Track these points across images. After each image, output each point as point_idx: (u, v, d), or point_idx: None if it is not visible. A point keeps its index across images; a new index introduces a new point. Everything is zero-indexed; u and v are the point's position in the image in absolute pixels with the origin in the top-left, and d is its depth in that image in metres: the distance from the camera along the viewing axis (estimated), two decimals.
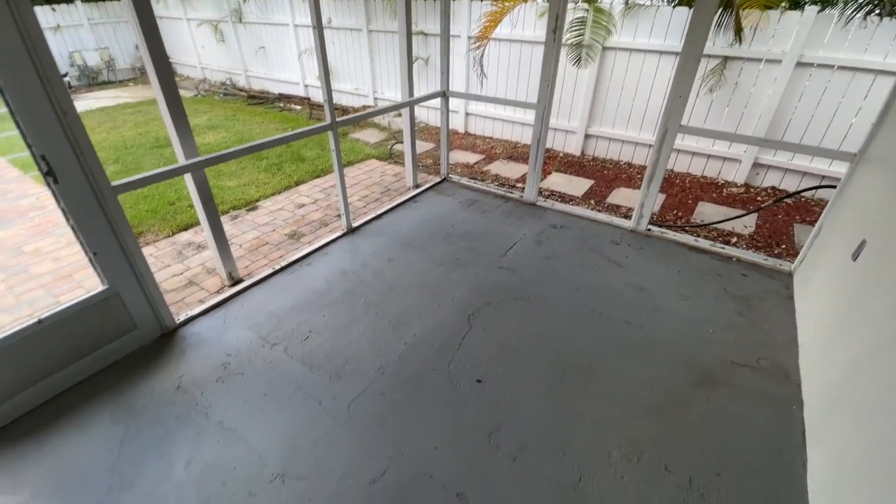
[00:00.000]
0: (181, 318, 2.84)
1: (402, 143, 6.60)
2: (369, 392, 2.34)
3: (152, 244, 4.01)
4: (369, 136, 7.30)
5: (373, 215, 4.24)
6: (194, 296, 3.27)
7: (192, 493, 1.87)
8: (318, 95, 9.09)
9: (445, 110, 4.73)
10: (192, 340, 2.69)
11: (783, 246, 4.16)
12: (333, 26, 8.08)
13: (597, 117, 6.11)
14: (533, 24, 6.01)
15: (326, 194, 5.07)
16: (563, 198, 5.07)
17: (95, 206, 2.21)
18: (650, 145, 5.80)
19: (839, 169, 4.73)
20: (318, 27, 3.09)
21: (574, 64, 5.37)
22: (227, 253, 3.25)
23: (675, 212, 4.83)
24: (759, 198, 5.07)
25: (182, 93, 10.37)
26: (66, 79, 9.99)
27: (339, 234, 3.90)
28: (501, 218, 4.18)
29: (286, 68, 9.36)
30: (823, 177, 4.92)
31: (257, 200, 4.89)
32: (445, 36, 4.37)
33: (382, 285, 3.19)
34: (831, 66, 4.51)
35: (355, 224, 4.04)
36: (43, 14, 10.26)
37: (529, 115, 6.56)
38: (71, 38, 10.83)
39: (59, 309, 2.25)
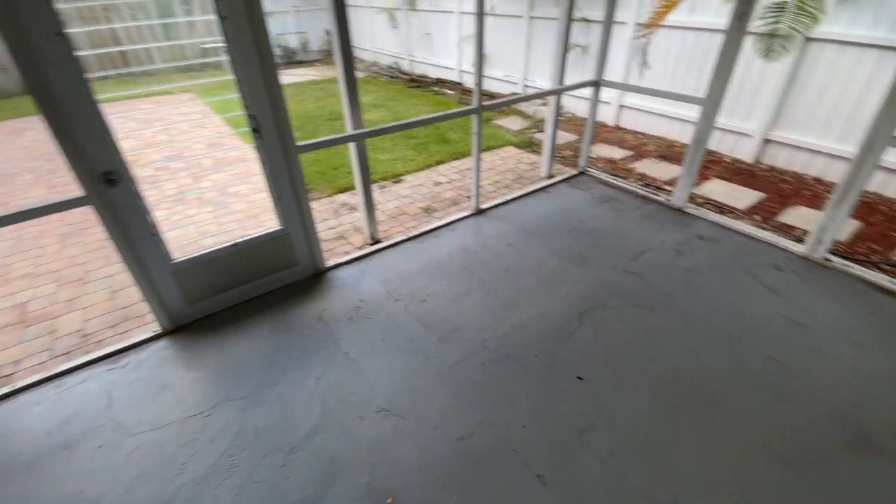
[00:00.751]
0: (330, 263, 3.36)
1: (542, 131, 6.53)
2: (471, 360, 2.49)
3: (316, 200, 4.76)
4: (512, 123, 7.36)
5: (501, 200, 4.34)
6: (342, 248, 3.81)
7: (317, 403, 2.26)
8: (470, 81, 9.44)
9: (594, 100, 4.53)
10: (335, 283, 3.17)
11: None
12: (496, 13, 8.24)
13: (783, 121, 5.18)
14: (716, 9, 5.30)
15: (462, 176, 5.33)
16: (721, 208, 4.47)
17: (282, 161, 2.74)
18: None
19: None
20: (480, 14, 3.23)
21: (763, 56, 4.61)
22: (372, 216, 3.69)
23: (870, 244, 3.90)
24: None
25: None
26: None
27: (467, 213, 4.10)
28: (639, 220, 3.90)
29: (446, 54, 9.90)
30: None
31: (402, 175, 5.39)
32: (608, 21, 4.16)
33: (498, 267, 3.29)
34: None
35: (483, 206, 4.19)
36: (268, 1, 12.56)
37: (692, 111, 5.88)
38: (279, 22, 13.10)
39: (249, 237, 2.87)
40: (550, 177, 4.89)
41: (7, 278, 3.58)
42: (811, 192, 4.81)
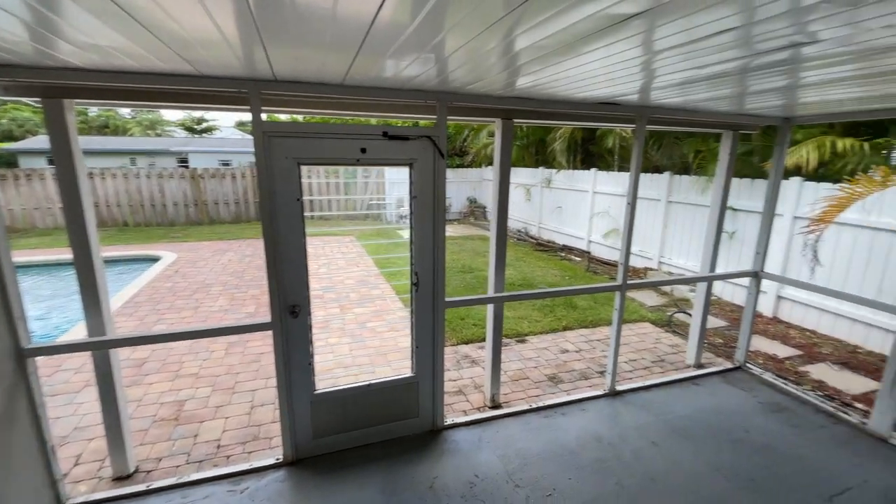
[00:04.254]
0: (448, 421, 3.22)
1: (685, 312, 6.04)
2: None
3: None
4: (646, 297, 7.03)
5: (640, 384, 3.89)
6: (460, 405, 3.68)
7: None
8: (598, 251, 9.65)
9: (755, 291, 4.15)
10: (450, 446, 2.98)
11: None
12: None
13: None
14: (891, 211, 4.80)
15: (591, 346, 5.03)
16: None
17: (430, 312, 2.92)
18: None
19: None
20: (633, 203, 3.42)
21: None
22: (497, 377, 3.58)
23: None
24: None
25: (484, 232, 12.76)
26: None
27: (599, 392, 3.73)
28: (826, 445, 3.08)
29: (575, 225, 10.50)
30: None
31: (526, 335, 5.32)
32: (768, 214, 4.02)
33: (642, 472, 2.76)
34: None
35: (619, 387, 3.79)
36: None
37: (880, 315, 4.95)
38: None
39: (383, 379, 2.95)
40: (700, 366, 4.32)
41: (178, 374, 4.16)
42: None
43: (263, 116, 2.38)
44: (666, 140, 8.72)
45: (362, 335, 5.15)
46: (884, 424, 3.17)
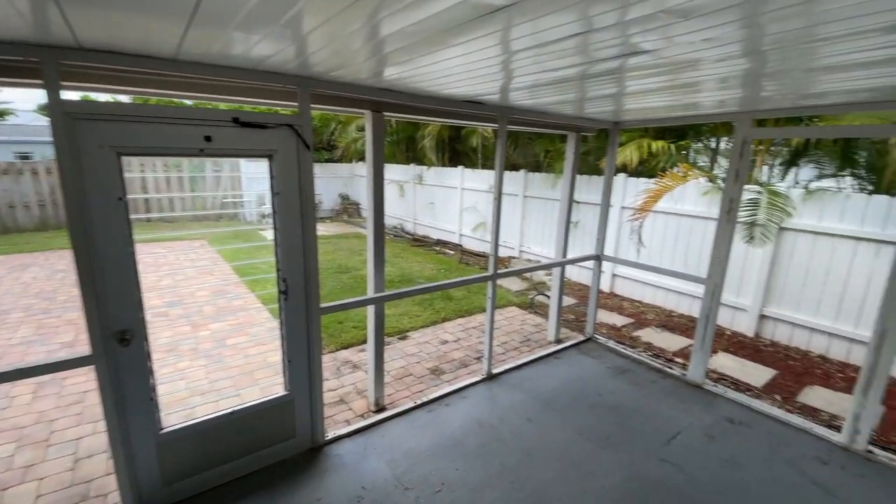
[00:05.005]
0: (329, 435, 3.00)
1: (543, 294, 6.72)
2: None
3: None
4: (511, 283, 7.64)
5: (512, 364, 4.18)
6: (342, 414, 3.47)
7: None
8: (469, 243, 10.20)
9: (597, 272, 4.79)
10: (334, 461, 2.78)
11: None
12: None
13: (775, 298, 5.44)
14: (694, 200, 6.06)
15: (468, 334, 5.26)
16: (737, 385, 4.33)
17: (303, 321, 2.67)
18: (852, 339, 4.81)
19: None
20: (498, 198, 3.61)
21: (746, 242, 5.08)
22: (380, 380, 3.47)
23: None
24: None
25: (360, 230, 12.43)
26: None
27: (478, 378, 3.90)
28: (660, 396, 3.71)
29: (447, 220, 10.92)
30: None
31: (408, 331, 5.30)
32: (605, 206, 4.66)
33: (520, 448, 2.96)
34: None
35: (495, 371, 4.02)
36: None
37: (688, 285, 6.19)
38: None
39: (249, 404, 2.60)
40: (559, 341, 4.84)
41: None
42: (821, 370, 4.76)
43: (72, 95, 1.86)
44: (521, 140, 9.57)
45: (222, 355, 4.52)
46: (698, 374, 3.95)
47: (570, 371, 4.13)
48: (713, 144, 7.31)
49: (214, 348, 4.70)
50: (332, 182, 15.20)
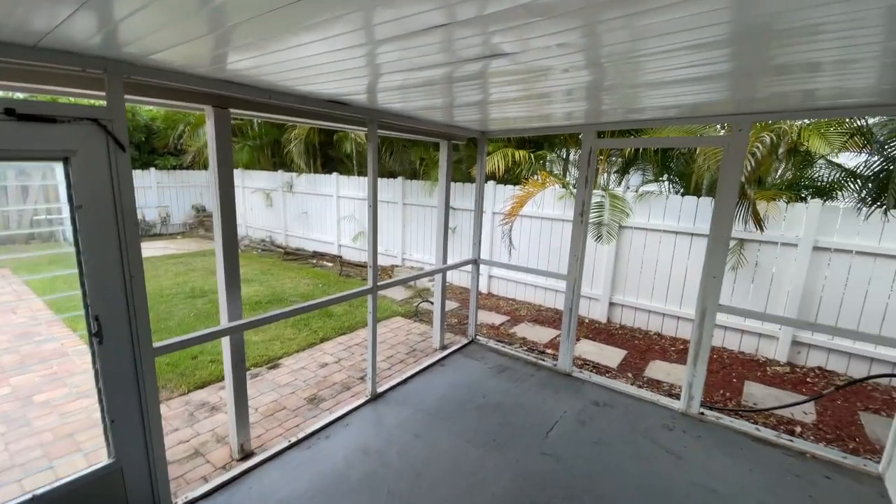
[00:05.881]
0: (178, 502, 2.45)
1: (428, 301, 6.72)
2: None
3: (165, 402, 3.76)
4: (396, 293, 7.49)
5: (398, 380, 4.02)
6: (197, 470, 2.89)
7: None
8: (349, 254, 9.75)
9: (476, 276, 4.91)
10: None
11: (857, 440, 3.69)
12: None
13: (620, 287, 6.25)
14: (552, 205, 6.68)
15: (351, 353, 4.94)
16: (598, 368, 4.82)
17: (130, 369, 2.12)
18: (678, 317, 5.76)
19: (887, 351, 4.51)
20: (374, 206, 3.44)
21: (596, 240, 5.74)
22: (244, 420, 2.99)
23: (721, 392, 4.48)
24: (808, 379, 4.74)
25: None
26: None
27: (362, 400, 3.64)
28: (536, 389, 3.91)
29: (324, 230, 10.29)
30: (874, 360, 4.66)
31: (280, 357, 4.76)
32: (478, 212, 4.81)
33: (409, 470, 2.80)
34: (849, 252, 4.70)
35: (380, 389, 3.80)
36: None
37: (553, 281, 6.77)
38: (137, 196, 12.40)
39: (55, 485, 1.97)
40: (444, 347, 4.83)
41: None
42: (658, 346, 5.59)
43: None
44: (396, 147, 9.51)
45: (27, 416, 3.47)
46: (566, 363, 4.26)
47: (456, 376, 4.12)
48: (564, 154, 8.18)
49: (17, 408, 3.61)
50: (185, 192, 13.29)
